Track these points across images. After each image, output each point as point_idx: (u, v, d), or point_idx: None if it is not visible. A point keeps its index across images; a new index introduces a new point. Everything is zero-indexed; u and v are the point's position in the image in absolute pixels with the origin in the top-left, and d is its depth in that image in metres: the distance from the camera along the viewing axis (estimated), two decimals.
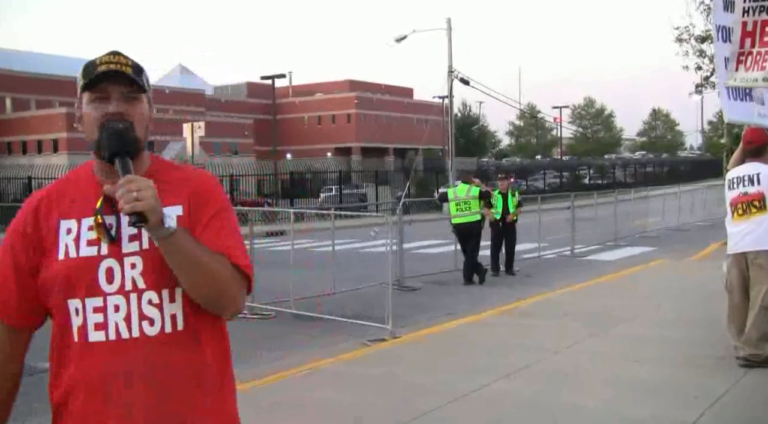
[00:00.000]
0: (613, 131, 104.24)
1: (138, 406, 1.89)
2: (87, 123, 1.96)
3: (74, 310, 1.90)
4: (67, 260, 1.91)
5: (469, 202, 13.39)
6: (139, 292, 1.90)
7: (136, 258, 1.91)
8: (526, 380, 6.35)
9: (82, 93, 1.96)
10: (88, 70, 1.95)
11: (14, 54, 67.92)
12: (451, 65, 33.71)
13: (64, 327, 1.92)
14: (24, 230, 1.95)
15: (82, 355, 1.90)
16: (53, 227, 1.94)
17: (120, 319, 1.89)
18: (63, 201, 1.97)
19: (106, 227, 1.91)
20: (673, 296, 10.62)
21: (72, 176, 2.05)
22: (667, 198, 25.77)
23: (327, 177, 42.87)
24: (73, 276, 1.90)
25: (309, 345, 8.36)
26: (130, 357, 1.89)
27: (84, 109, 1.96)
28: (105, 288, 1.90)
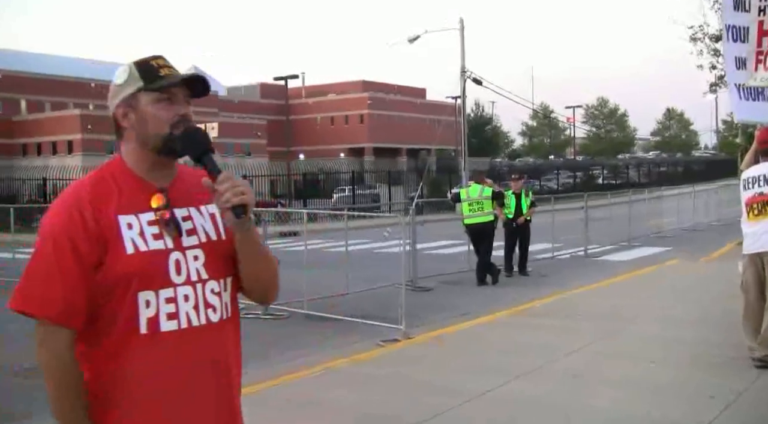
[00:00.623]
0: (627, 131, 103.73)
1: (209, 390, 2.03)
2: (153, 122, 2.02)
3: (145, 302, 1.96)
4: (138, 253, 1.97)
5: (482, 202, 13.36)
6: (203, 282, 2.04)
7: (197, 251, 2.05)
8: (539, 381, 6.33)
9: (139, 93, 2.03)
10: (150, 71, 2.04)
11: (29, 56, 68.36)
12: (464, 65, 33.66)
13: (129, 320, 1.95)
14: (85, 226, 1.94)
15: (152, 345, 1.96)
16: (112, 223, 1.97)
17: (190, 308, 2.01)
18: (112, 197, 2.00)
19: (175, 221, 2.03)
20: (687, 296, 10.57)
21: (106, 174, 2.06)
22: (681, 198, 25.64)
23: (340, 177, 42.92)
24: (147, 269, 1.97)
25: (322, 345, 8.38)
26: (200, 344, 2.02)
27: (148, 108, 2.03)
28: (174, 279, 2.00)
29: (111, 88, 2.08)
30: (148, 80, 2.03)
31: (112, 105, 2.07)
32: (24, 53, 69.06)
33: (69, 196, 2.01)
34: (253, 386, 6.02)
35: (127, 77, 2.05)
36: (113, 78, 2.08)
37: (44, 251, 1.95)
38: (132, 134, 2.05)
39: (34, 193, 34.19)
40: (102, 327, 1.97)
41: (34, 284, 1.94)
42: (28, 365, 7.81)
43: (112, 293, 1.95)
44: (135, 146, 2.05)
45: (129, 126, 2.05)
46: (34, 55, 70.12)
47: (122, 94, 2.05)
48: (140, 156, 2.06)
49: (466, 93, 34.81)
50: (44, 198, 32.31)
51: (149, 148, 2.04)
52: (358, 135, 77.89)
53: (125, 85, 2.05)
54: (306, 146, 75.15)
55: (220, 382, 2.07)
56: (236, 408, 2.14)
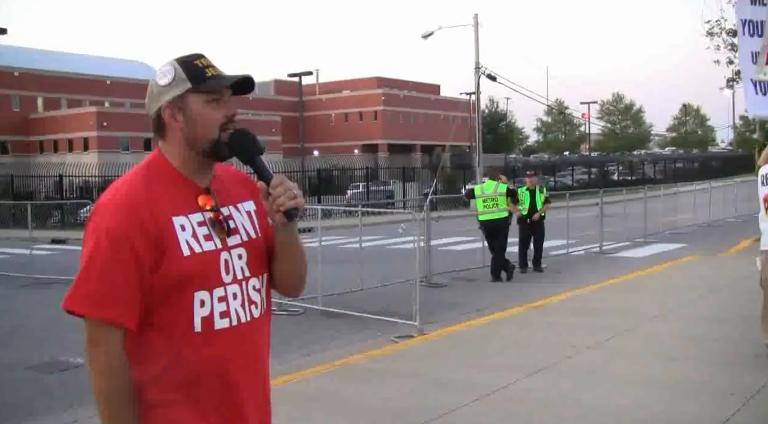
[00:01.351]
0: (643, 127, 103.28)
1: (252, 383, 2.12)
2: (202, 124, 2.03)
3: (200, 301, 2.00)
4: (194, 255, 1.99)
5: (497, 198, 13.34)
6: (246, 280, 2.10)
7: (240, 249, 2.10)
8: (553, 378, 6.32)
9: (187, 94, 2.02)
10: (197, 71, 2.03)
11: (45, 54, 68.79)
12: (478, 61, 33.61)
13: (184, 319, 1.98)
14: (143, 228, 1.94)
15: (206, 343, 2.00)
16: (168, 224, 1.98)
17: (238, 306, 2.07)
18: (163, 198, 2.01)
19: (225, 221, 2.07)
20: (704, 292, 10.51)
21: (152, 174, 2.05)
22: (697, 194, 25.48)
23: (354, 174, 42.93)
24: (202, 270, 2.00)
25: (337, 341, 8.40)
26: (246, 339, 2.09)
27: (197, 110, 2.03)
28: (224, 279, 2.05)
29: (152, 87, 2.06)
30: (195, 81, 2.02)
31: (155, 105, 2.06)
32: (40, 51, 69.49)
33: (124, 196, 1.98)
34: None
35: (173, 77, 2.03)
36: (155, 77, 2.06)
37: (101, 251, 1.92)
38: (178, 135, 2.04)
39: (51, 190, 34.39)
40: (157, 327, 1.98)
41: (91, 284, 1.92)
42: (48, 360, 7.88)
43: (168, 294, 1.96)
44: (181, 147, 2.05)
45: (177, 127, 2.04)
46: (51, 53, 70.55)
47: (168, 94, 2.03)
48: (186, 157, 2.06)
49: (481, 89, 34.76)
50: (60, 195, 32.52)
51: (196, 149, 2.04)
52: (372, 132, 77.94)
53: (172, 86, 2.03)
54: (320, 143, 75.30)
55: (258, 374, 2.15)
56: (269, 397, 2.24)
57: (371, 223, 19.97)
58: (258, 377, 2.15)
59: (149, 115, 2.08)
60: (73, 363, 7.70)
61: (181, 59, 2.07)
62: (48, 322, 10.04)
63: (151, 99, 2.07)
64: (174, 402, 1.99)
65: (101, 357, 1.93)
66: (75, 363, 7.69)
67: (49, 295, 12.53)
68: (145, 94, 2.11)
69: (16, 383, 7.19)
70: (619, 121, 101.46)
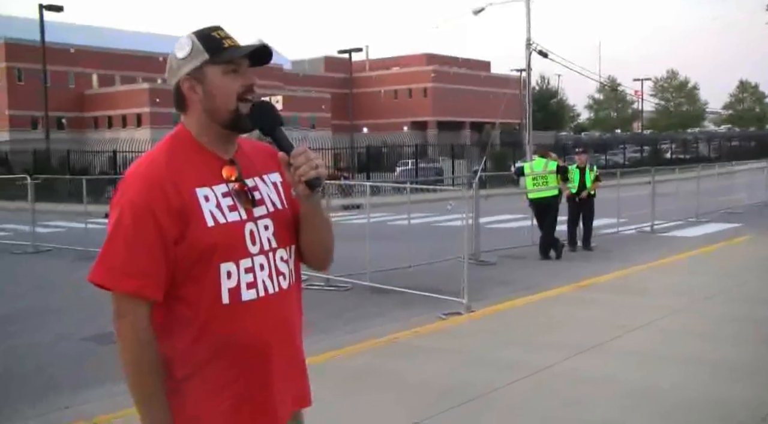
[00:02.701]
0: (697, 104, 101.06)
1: (282, 353, 2.10)
2: (221, 95, 2.04)
3: (226, 273, 2.00)
4: (218, 226, 2.00)
5: (546, 176, 13.23)
6: (273, 250, 2.10)
7: (267, 220, 2.10)
8: (600, 358, 6.28)
9: (205, 66, 2.03)
10: (214, 42, 2.04)
11: (100, 31, 69.88)
12: (530, 37, 33.17)
13: (211, 291, 1.99)
14: (167, 200, 1.95)
15: (234, 315, 2.01)
16: (191, 196, 1.99)
17: (265, 277, 2.07)
18: (186, 170, 2.02)
19: (249, 192, 2.08)
20: (758, 273, 10.31)
21: (175, 146, 2.08)
22: (753, 173, 24.89)
23: (403, 151, 42.85)
24: (227, 241, 2.00)
25: (385, 317, 8.45)
26: (274, 310, 2.09)
27: (215, 81, 2.04)
28: (251, 249, 2.05)
29: (171, 61, 2.08)
30: (213, 52, 2.03)
31: (174, 78, 2.08)
32: (95, 28, 70.62)
33: (146, 169, 2.00)
34: (315, 357, 6.11)
35: (190, 50, 2.04)
36: (174, 51, 2.08)
37: (124, 223, 1.94)
38: (199, 107, 2.06)
39: (105, 166, 35.04)
40: (184, 300, 1.99)
41: (115, 256, 1.95)
42: (101, 331, 8.09)
43: (194, 266, 1.97)
44: (202, 119, 2.07)
45: (197, 99, 2.06)
46: (105, 29, 71.63)
47: (187, 67, 2.04)
48: (207, 129, 2.07)
49: (532, 66, 34.32)
50: (115, 170, 33.11)
51: (217, 121, 2.05)
52: (421, 109, 77.63)
53: (190, 58, 2.04)
54: (369, 120, 75.27)
55: (290, 345, 2.15)
56: (303, 363, 2.23)
57: (420, 200, 19.94)
58: (290, 349, 2.14)
59: (171, 88, 2.10)
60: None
61: (199, 32, 2.08)
62: (102, 294, 10.23)
63: (170, 73, 2.09)
64: (201, 375, 2.00)
65: (128, 329, 1.96)
66: None
67: None
68: None
69: (71, 353, 7.40)
70: (673, 98, 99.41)
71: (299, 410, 2.24)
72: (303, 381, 2.22)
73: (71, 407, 5.58)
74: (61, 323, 8.66)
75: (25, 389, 6.27)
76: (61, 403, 5.72)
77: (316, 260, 2.26)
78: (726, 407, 5.03)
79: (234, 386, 2.02)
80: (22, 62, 60.21)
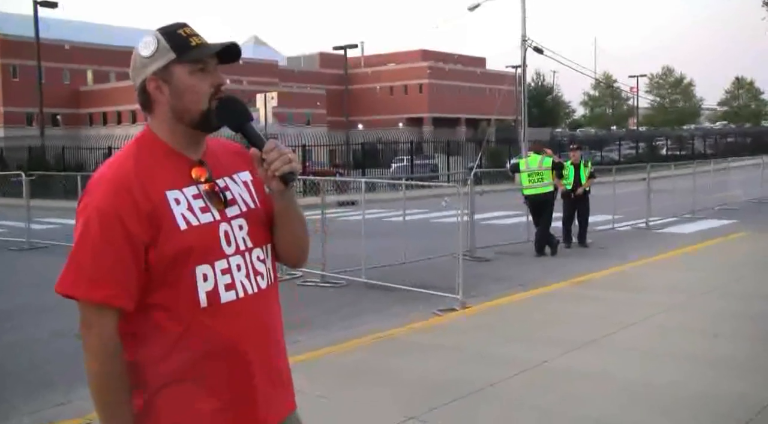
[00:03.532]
0: (693, 101, 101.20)
1: (262, 354, 2.05)
2: (189, 95, 1.97)
3: (202, 276, 1.95)
4: (191, 228, 1.94)
5: (542, 173, 13.22)
6: (249, 250, 2.05)
7: (240, 220, 2.05)
8: (596, 353, 6.28)
9: (172, 65, 1.97)
10: (180, 41, 1.98)
11: (95, 27, 69.73)
12: (525, 34, 33.12)
13: (188, 296, 1.93)
14: (135, 204, 1.89)
15: (214, 318, 1.95)
16: (161, 199, 1.93)
17: (243, 277, 2.02)
18: (154, 173, 1.96)
19: (221, 192, 2.03)
20: (754, 269, 10.32)
21: (142, 149, 2.01)
22: (749, 170, 24.93)
23: (398, 147, 42.86)
24: (201, 243, 1.95)
25: (380, 314, 8.44)
26: (254, 311, 2.04)
27: (183, 81, 1.97)
28: (226, 250, 2.00)
29: (135, 59, 2.01)
30: (179, 51, 1.96)
31: (138, 77, 2.01)
32: (90, 24, 70.47)
33: (113, 174, 1.94)
34: (311, 353, 6.11)
35: (156, 48, 1.97)
36: (137, 49, 2.00)
37: (91, 231, 1.87)
38: (165, 108, 1.99)
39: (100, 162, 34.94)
40: (160, 307, 1.93)
41: (83, 265, 1.88)
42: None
43: (168, 271, 1.91)
44: (168, 120, 2.00)
45: (163, 100, 1.99)
46: (100, 26, 71.49)
47: (152, 66, 1.97)
48: (174, 129, 2.01)
49: (527, 62, 34.29)
50: None
51: (185, 122, 1.99)
52: (417, 105, 77.63)
53: (155, 57, 1.97)
54: (365, 116, 75.26)
55: (271, 345, 2.09)
56: (288, 369, 2.17)
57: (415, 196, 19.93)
58: (271, 349, 2.08)
59: (135, 88, 2.03)
60: None
61: (164, 29, 2.01)
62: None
63: (134, 72, 2.02)
64: (182, 382, 1.94)
65: (94, 339, 1.89)
66: None
67: None
68: None
69: (66, 350, 7.36)
70: (669, 95, 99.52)
71: (290, 414, 2.17)
72: (286, 382, 2.16)
73: (66, 404, 5.56)
74: (56, 320, 8.63)
75: (20, 385, 6.25)
76: (55, 400, 5.70)
77: (292, 257, 2.20)
78: (723, 403, 5.04)
79: (217, 392, 1.96)
80: (16, 59, 60.08)
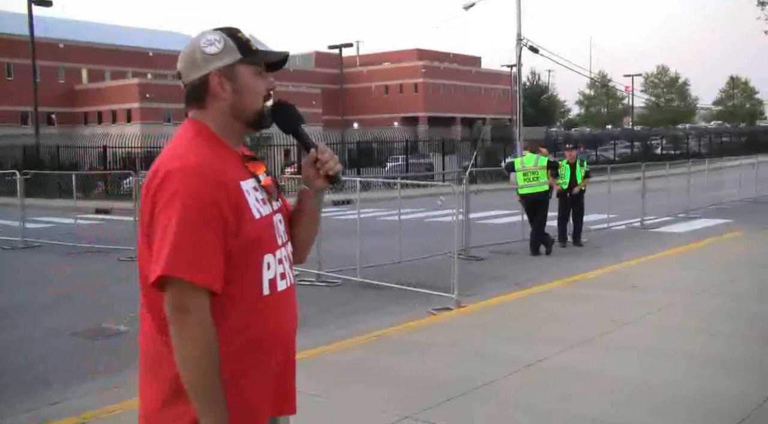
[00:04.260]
0: (688, 100, 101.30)
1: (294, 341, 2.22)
2: (250, 94, 2.09)
3: (266, 264, 2.06)
4: (261, 218, 2.06)
5: (537, 172, 13.23)
6: (285, 244, 2.19)
7: (279, 215, 2.19)
8: (592, 352, 6.29)
9: (237, 65, 2.06)
10: (243, 44, 2.08)
11: (89, 26, 69.54)
12: (520, 32, 33.12)
13: (254, 283, 2.03)
14: (228, 194, 1.96)
15: (272, 305, 2.07)
16: (239, 189, 2.02)
17: (287, 267, 2.16)
18: (226, 164, 2.03)
19: (275, 185, 2.19)
20: (749, 268, 10.34)
21: (206, 139, 2.06)
22: (744, 169, 24.96)
23: (394, 146, 42.84)
24: (267, 233, 2.08)
25: (375, 313, 8.44)
26: (293, 300, 2.20)
27: (249, 80, 2.08)
28: (278, 241, 2.14)
29: (194, 55, 2.06)
30: (245, 53, 2.07)
31: (198, 72, 2.06)
32: (85, 23, 70.26)
33: (198, 163, 1.97)
34: (307, 352, 6.10)
35: (222, 47, 2.05)
36: (197, 46, 2.07)
37: (190, 215, 1.90)
38: (223, 104, 2.07)
39: (95, 161, 34.88)
40: (227, 293, 1.97)
41: (186, 249, 1.89)
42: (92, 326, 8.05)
43: (241, 258, 1.99)
44: (225, 115, 2.08)
45: (225, 96, 2.07)
46: (95, 24, 71.28)
47: (217, 63, 2.05)
48: (230, 125, 2.09)
49: (523, 61, 34.29)
50: (104, 166, 32.98)
51: (241, 119, 2.09)
52: (412, 104, 77.61)
53: (221, 55, 2.05)
54: (360, 115, 75.24)
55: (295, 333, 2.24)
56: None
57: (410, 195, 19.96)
58: (294, 335, 2.23)
59: (187, 83, 2.09)
60: (117, 330, 7.86)
61: (226, 30, 2.10)
62: (91, 290, 10.24)
63: (192, 66, 2.07)
64: (243, 367, 2.00)
65: (194, 324, 1.89)
66: (119, 330, 7.84)
67: (92, 263, 12.79)
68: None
69: (62, 349, 7.36)
70: (664, 94, 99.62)
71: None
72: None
73: (60, 403, 5.55)
74: (50, 318, 8.62)
75: (15, 384, 6.24)
76: (50, 398, 5.69)
77: (304, 253, 2.34)
78: (718, 402, 5.05)
79: (270, 374, 2.06)
80: (11, 57, 59.87)
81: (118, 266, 12.08)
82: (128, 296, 9.78)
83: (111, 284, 10.39)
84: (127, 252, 12.69)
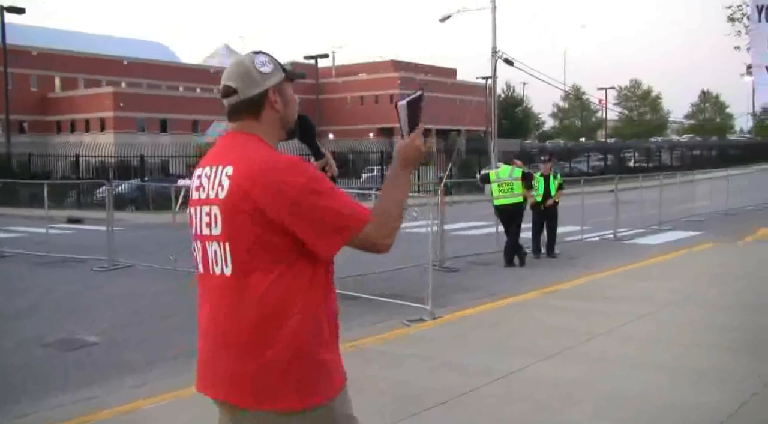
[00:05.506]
0: (660, 113, 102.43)
1: None
2: (293, 107, 2.44)
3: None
4: None
5: (512, 183, 13.29)
6: None
7: None
8: (566, 363, 6.31)
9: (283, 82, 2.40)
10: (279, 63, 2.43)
11: (63, 34, 68.95)
12: (495, 45, 33.39)
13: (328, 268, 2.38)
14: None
15: (331, 288, 2.42)
16: None
17: None
18: None
19: None
20: (719, 280, 10.45)
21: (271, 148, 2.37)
22: (714, 182, 25.26)
23: (369, 157, 42.88)
24: None
25: (350, 324, 8.38)
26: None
27: (291, 95, 2.43)
28: None
29: (251, 73, 2.33)
30: (285, 72, 2.41)
31: (255, 89, 2.33)
32: (58, 31, 69.66)
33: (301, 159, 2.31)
34: None
35: (273, 67, 2.38)
36: (253, 65, 2.34)
37: (332, 185, 2.29)
38: (276, 116, 2.38)
39: (68, 170, 34.56)
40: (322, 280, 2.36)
41: (350, 203, 2.28)
42: (64, 337, 7.94)
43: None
44: (276, 126, 2.39)
45: (278, 108, 2.37)
46: (68, 32, 70.71)
47: (271, 80, 2.36)
48: (277, 134, 2.41)
49: (498, 74, 34.56)
50: (77, 175, 32.68)
51: (285, 129, 2.43)
52: (388, 115, 77.50)
53: (273, 74, 2.37)
54: (336, 126, 75.18)
55: None
56: None
57: None
58: None
59: (245, 98, 2.33)
60: (89, 341, 7.77)
61: (264, 52, 2.44)
62: (63, 300, 10.12)
63: (251, 82, 2.34)
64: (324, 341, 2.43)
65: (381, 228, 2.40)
66: (90, 341, 7.75)
67: (64, 273, 12.64)
68: (162, 76, 2.23)
69: (32, 361, 7.26)
70: (637, 107, 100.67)
71: None
72: None
73: (30, 415, 5.47)
74: (21, 329, 8.50)
75: None
76: (21, 410, 5.60)
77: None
78: (690, 413, 5.09)
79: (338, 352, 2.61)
80: None
81: (91, 276, 11.94)
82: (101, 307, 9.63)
83: (83, 294, 10.27)
84: (99, 262, 12.55)
